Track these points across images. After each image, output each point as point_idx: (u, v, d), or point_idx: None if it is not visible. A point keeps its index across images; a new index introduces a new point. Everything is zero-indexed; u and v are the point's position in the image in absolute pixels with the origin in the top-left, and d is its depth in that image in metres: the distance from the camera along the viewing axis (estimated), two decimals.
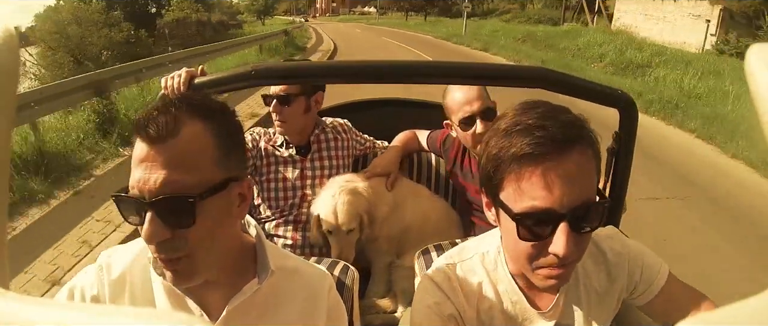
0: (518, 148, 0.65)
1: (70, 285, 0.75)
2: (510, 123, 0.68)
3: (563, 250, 0.65)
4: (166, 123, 0.63)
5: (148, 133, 0.62)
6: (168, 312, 0.17)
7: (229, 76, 0.99)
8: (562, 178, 0.65)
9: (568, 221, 0.65)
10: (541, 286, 0.73)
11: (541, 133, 0.66)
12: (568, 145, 0.67)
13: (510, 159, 0.67)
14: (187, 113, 0.64)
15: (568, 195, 0.65)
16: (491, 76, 1.06)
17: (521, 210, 0.67)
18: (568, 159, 0.66)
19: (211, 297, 0.72)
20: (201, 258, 0.66)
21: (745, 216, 4.08)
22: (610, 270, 0.83)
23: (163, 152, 0.63)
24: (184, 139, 0.64)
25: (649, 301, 0.84)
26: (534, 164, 0.66)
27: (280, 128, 1.61)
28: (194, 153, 0.64)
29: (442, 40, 21.85)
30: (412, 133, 1.76)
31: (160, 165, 0.62)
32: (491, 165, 0.70)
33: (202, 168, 0.65)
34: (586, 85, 0.97)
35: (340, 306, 0.86)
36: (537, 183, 0.66)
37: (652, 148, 5.69)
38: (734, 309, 0.15)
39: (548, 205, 0.66)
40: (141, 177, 0.62)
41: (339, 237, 1.37)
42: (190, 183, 0.63)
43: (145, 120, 0.63)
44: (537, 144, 0.65)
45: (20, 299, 0.16)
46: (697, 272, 1.65)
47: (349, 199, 1.37)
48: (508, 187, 0.69)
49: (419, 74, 1.05)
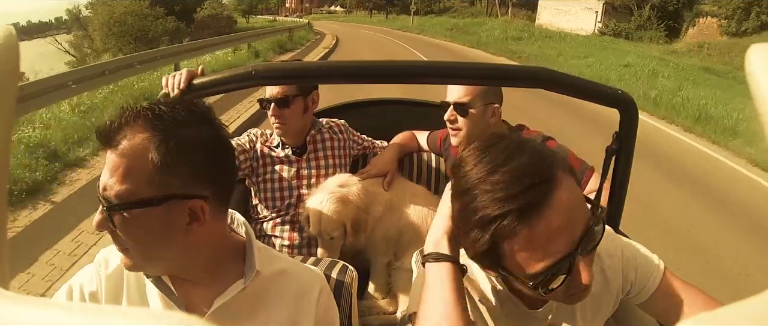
0: (502, 213, 0.60)
1: (69, 282, 0.77)
2: (479, 178, 0.63)
3: (588, 278, 0.63)
4: (113, 131, 0.65)
5: (101, 137, 0.65)
6: (167, 313, 0.15)
7: (228, 76, 0.96)
8: (562, 217, 0.61)
9: (581, 253, 0.63)
10: (566, 302, 0.73)
11: (521, 185, 0.60)
12: (549, 184, 0.62)
13: (496, 228, 0.61)
14: (134, 124, 0.65)
15: (573, 229, 0.62)
16: (491, 76, 1.05)
17: (538, 271, 0.63)
18: (559, 191, 0.62)
19: (197, 296, 0.74)
20: (137, 257, 0.69)
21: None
22: (605, 272, 0.82)
23: (111, 157, 0.65)
24: (124, 149, 0.64)
25: (646, 299, 0.82)
26: (527, 225, 0.61)
27: (279, 130, 1.60)
28: (129, 165, 0.64)
29: (395, 29, 33.22)
30: (410, 133, 1.76)
31: (107, 168, 0.65)
32: (480, 233, 0.64)
33: (134, 180, 0.64)
34: (586, 85, 0.94)
35: (332, 308, 0.86)
36: (541, 240, 0.62)
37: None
38: (734, 308, 0.15)
39: (563, 253, 0.62)
40: (102, 178, 0.66)
41: (323, 241, 1.40)
42: (121, 192, 0.64)
43: (104, 125, 0.66)
44: (526, 199, 0.60)
45: (20, 299, 0.16)
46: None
47: (334, 208, 1.36)
48: (512, 256, 0.65)
49: (419, 74, 1.03)
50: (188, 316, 0.19)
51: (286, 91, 1.57)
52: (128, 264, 0.70)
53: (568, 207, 0.63)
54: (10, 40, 0.22)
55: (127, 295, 0.76)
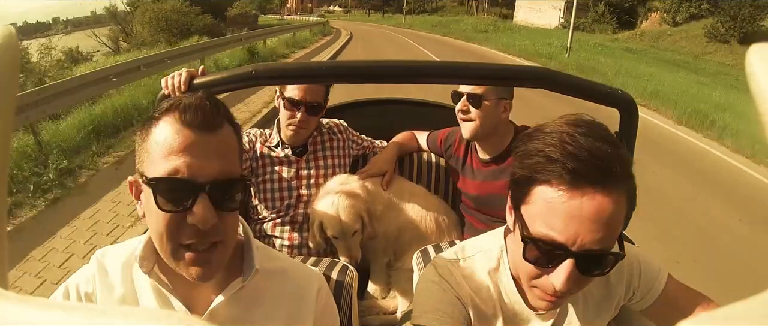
0: (559, 156, 0.60)
1: (66, 283, 0.73)
2: (561, 131, 0.62)
3: (561, 286, 0.61)
4: (212, 116, 0.63)
5: (197, 122, 0.62)
6: (166, 313, 0.15)
7: (229, 76, 0.95)
8: (585, 215, 0.59)
9: (575, 261, 0.61)
10: (532, 303, 0.72)
11: (589, 158, 0.59)
12: (608, 180, 0.60)
13: (543, 162, 0.61)
14: (220, 111, 0.65)
15: (587, 236, 0.59)
16: (492, 76, 1.02)
17: (534, 235, 0.62)
18: (602, 195, 0.59)
19: (197, 295, 0.71)
20: (229, 245, 0.67)
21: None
22: (608, 278, 0.79)
23: (210, 142, 0.62)
24: (224, 133, 0.65)
25: (648, 306, 0.81)
26: (565, 185, 0.60)
27: (295, 134, 1.51)
28: (230, 147, 0.65)
29: (390, 26, 38.78)
30: (410, 133, 1.69)
31: (211, 153, 0.62)
32: (522, 166, 0.65)
33: (234, 162, 0.66)
34: (586, 85, 0.93)
35: (331, 308, 0.83)
36: (561, 213, 0.60)
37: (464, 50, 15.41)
38: (734, 309, 0.15)
39: (562, 240, 0.60)
40: (194, 161, 0.61)
41: (346, 240, 1.35)
42: (233, 172, 0.64)
43: (188, 110, 0.62)
44: (581, 166, 0.59)
45: (20, 299, 0.16)
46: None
47: (350, 202, 1.34)
48: (532, 203, 0.64)
49: (421, 74, 1.01)
50: (188, 316, 0.18)
51: (318, 98, 1.49)
52: (211, 265, 0.66)
53: (605, 216, 0.60)
54: (10, 40, 0.22)
55: (120, 297, 0.72)
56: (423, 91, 2.27)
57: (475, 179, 1.50)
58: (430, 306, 0.80)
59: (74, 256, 3.14)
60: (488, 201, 1.44)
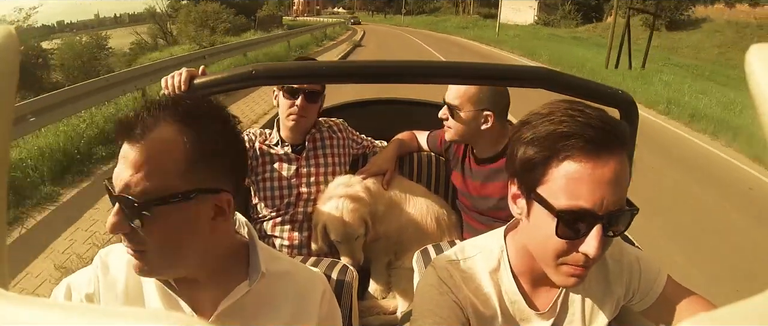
0: (578, 134, 0.59)
1: (67, 281, 0.72)
2: (564, 108, 0.62)
3: (594, 251, 0.62)
4: (137, 124, 0.60)
5: (126, 131, 0.60)
6: (166, 313, 0.16)
7: (228, 76, 0.93)
8: (608, 180, 0.60)
9: (602, 224, 0.62)
10: (559, 282, 0.69)
11: (601, 125, 0.60)
12: (619, 143, 0.61)
13: (563, 144, 0.60)
14: (164, 118, 0.61)
15: (609, 198, 0.60)
16: (492, 76, 1.02)
17: (563, 208, 0.61)
18: (616, 159, 0.61)
19: (203, 297, 0.69)
20: (156, 258, 0.63)
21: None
22: (608, 277, 0.79)
23: (133, 152, 0.59)
24: (151, 143, 0.60)
25: (648, 307, 0.80)
26: (586, 157, 0.60)
27: (295, 124, 1.44)
28: (158, 159, 0.60)
29: (391, 25, 41.76)
30: (410, 133, 1.62)
31: (129, 164, 0.60)
32: (535, 149, 0.62)
33: (164, 175, 0.60)
34: (587, 85, 0.93)
35: (335, 310, 0.80)
36: (584, 181, 0.60)
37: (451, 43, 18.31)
38: (734, 309, 0.15)
39: (590, 206, 0.60)
40: (116, 171, 0.61)
41: (349, 244, 1.31)
42: (148, 188, 0.59)
43: (126, 118, 0.61)
44: (598, 134, 0.59)
45: (20, 300, 0.16)
46: None
47: (354, 206, 1.30)
48: (552, 181, 0.62)
49: (422, 74, 1.00)
50: (188, 316, 0.19)
51: (316, 85, 1.40)
52: (143, 268, 0.62)
53: (620, 177, 0.60)
54: (10, 40, 0.22)
55: (124, 298, 0.70)
56: (423, 91, 2.24)
57: (473, 179, 1.41)
58: (428, 310, 0.76)
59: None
60: (485, 201, 1.37)
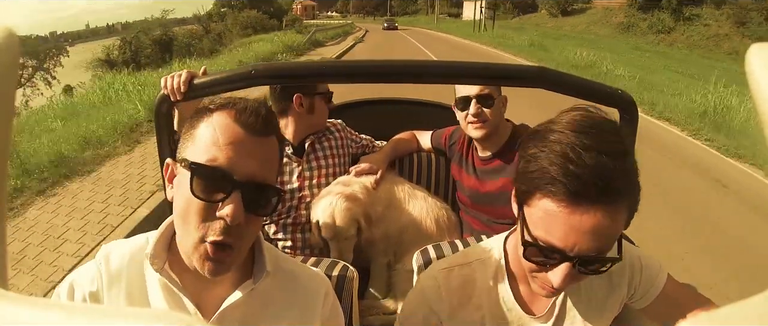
0: (561, 176, 0.56)
1: (70, 279, 0.70)
2: (566, 143, 0.57)
3: (558, 284, 0.61)
4: (264, 123, 0.62)
5: (249, 123, 0.61)
6: (167, 313, 0.16)
7: (228, 76, 0.95)
8: (584, 229, 0.57)
9: (573, 264, 0.59)
10: (534, 290, 0.70)
11: (594, 177, 0.54)
12: (610, 198, 0.55)
13: (547, 178, 0.58)
14: (273, 122, 0.65)
15: (583, 245, 0.58)
16: (491, 76, 1.03)
17: (535, 237, 0.60)
18: (602, 212, 0.56)
19: (207, 294, 0.69)
20: (244, 250, 0.64)
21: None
22: (612, 277, 0.76)
23: (258, 145, 0.61)
24: (271, 142, 0.63)
25: (648, 304, 0.79)
26: (565, 203, 0.56)
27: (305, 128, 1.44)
28: (272, 157, 0.63)
29: (380, 23, 40.27)
30: (410, 133, 1.53)
31: (255, 155, 0.60)
32: (527, 174, 0.61)
33: (272, 171, 0.64)
34: (586, 85, 0.95)
35: (337, 310, 0.78)
36: (559, 223, 0.57)
37: (425, 36, 21.11)
38: (734, 309, 0.15)
39: (561, 246, 0.57)
40: (236, 158, 0.59)
41: (338, 242, 1.29)
42: (269, 179, 0.62)
43: (244, 111, 0.61)
44: (583, 188, 0.55)
45: (20, 300, 0.17)
46: None
47: (347, 206, 1.26)
48: (535, 207, 0.60)
49: (420, 74, 1.02)
50: (188, 316, 0.12)
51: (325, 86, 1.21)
52: (221, 266, 0.60)
53: (601, 228, 0.56)
54: (9, 40, 0.22)
55: (127, 295, 0.67)
56: (423, 91, 1.97)
57: (475, 177, 1.28)
58: (403, 317, 0.73)
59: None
60: (485, 199, 1.24)
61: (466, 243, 0.97)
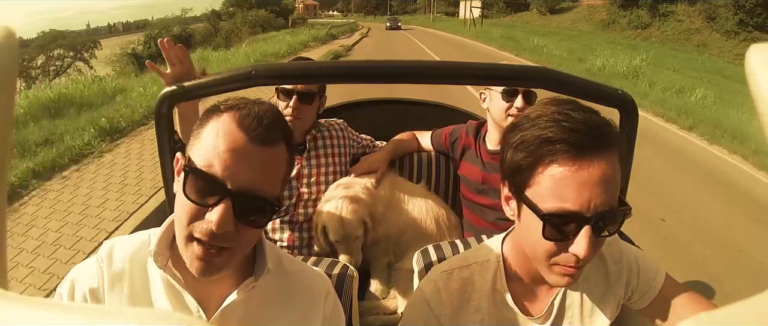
0: (562, 140, 0.57)
1: (71, 276, 0.67)
2: (551, 111, 0.59)
3: (584, 252, 0.60)
4: (270, 129, 0.59)
5: (251, 129, 0.57)
6: (168, 313, 0.16)
7: (228, 76, 0.95)
8: (594, 181, 0.57)
9: (591, 225, 0.58)
10: (553, 282, 0.67)
11: (586, 129, 0.56)
12: (606, 145, 0.57)
13: (546, 148, 0.58)
14: (281, 130, 0.61)
15: (597, 200, 0.57)
16: (492, 76, 1.03)
17: (549, 210, 0.59)
18: (604, 161, 0.57)
19: (210, 292, 0.69)
20: (238, 256, 0.62)
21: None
22: (609, 277, 0.76)
23: (258, 154, 0.57)
24: (276, 152, 0.59)
25: (646, 305, 0.78)
26: (571, 160, 0.56)
27: (290, 125, 1.19)
28: (275, 167, 0.60)
29: (381, 22, 39.93)
30: (411, 133, 1.50)
31: (254, 165, 0.57)
32: (523, 154, 0.60)
33: (273, 182, 0.61)
34: (587, 85, 0.94)
35: (339, 311, 0.77)
36: (569, 183, 0.57)
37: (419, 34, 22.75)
38: (734, 309, 0.15)
39: (577, 209, 0.57)
40: (232, 165, 0.56)
41: (347, 245, 1.28)
42: (268, 192, 0.58)
43: (248, 116, 0.58)
44: (582, 138, 0.55)
45: (20, 299, 0.17)
46: None
47: (352, 208, 1.25)
48: (538, 184, 0.59)
49: (421, 75, 1.02)
50: (189, 317, 0.11)
51: (311, 87, 1.22)
52: (212, 267, 0.59)
53: (608, 178, 0.55)
54: (9, 40, 0.23)
55: (130, 292, 0.66)
56: (423, 91, 1.89)
57: (483, 169, 1.27)
58: (405, 322, 0.74)
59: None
60: (490, 189, 1.29)
61: (466, 243, 0.90)
